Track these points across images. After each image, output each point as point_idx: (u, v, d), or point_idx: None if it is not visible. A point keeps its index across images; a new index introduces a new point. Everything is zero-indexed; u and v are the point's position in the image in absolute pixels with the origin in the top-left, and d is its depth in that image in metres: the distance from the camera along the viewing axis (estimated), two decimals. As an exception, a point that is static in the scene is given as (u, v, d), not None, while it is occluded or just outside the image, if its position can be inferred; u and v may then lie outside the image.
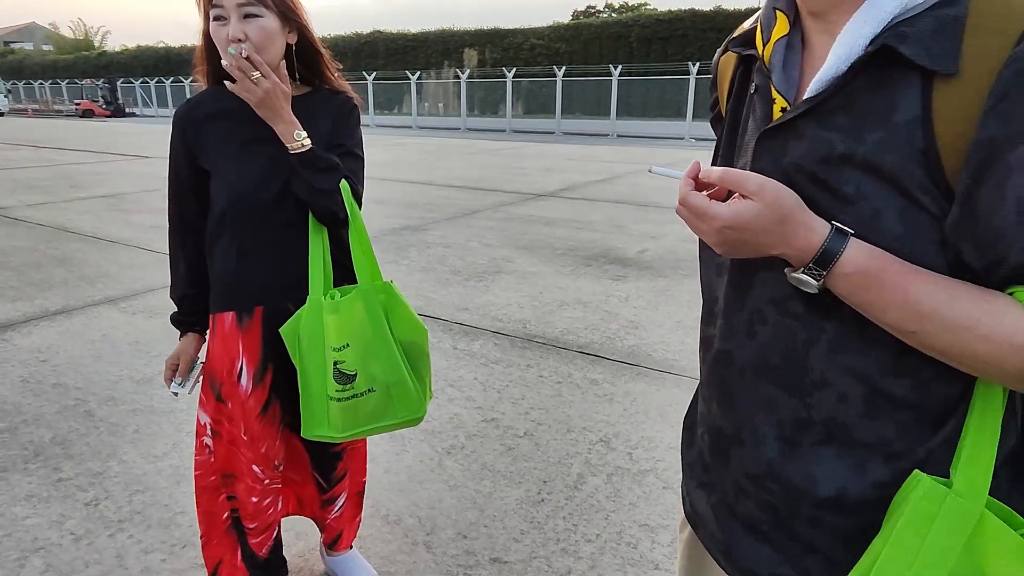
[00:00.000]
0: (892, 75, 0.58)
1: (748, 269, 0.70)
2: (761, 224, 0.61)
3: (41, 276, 4.77)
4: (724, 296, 0.74)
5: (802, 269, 0.61)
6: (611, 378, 3.12)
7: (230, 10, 1.26)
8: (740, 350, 0.72)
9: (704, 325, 0.81)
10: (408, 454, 2.47)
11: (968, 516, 0.58)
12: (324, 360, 1.34)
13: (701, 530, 0.83)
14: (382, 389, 1.37)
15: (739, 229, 0.62)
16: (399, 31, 41.86)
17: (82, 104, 36.47)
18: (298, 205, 1.38)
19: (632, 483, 2.29)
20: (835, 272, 0.59)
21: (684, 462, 0.89)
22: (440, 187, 9.44)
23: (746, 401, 0.72)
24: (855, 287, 0.59)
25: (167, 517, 2.08)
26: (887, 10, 0.58)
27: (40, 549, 1.93)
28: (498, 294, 4.42)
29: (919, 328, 0.57)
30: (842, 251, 0.59)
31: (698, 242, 0.79)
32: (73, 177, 10.26)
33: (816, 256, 0.60)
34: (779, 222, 0.60)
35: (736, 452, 0.74)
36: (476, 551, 1.95)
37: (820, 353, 0.65)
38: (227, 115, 1.39)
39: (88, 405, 2.82)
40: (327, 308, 1.34)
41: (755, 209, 0.61)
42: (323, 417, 1.36)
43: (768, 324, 0.69)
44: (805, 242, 0.60)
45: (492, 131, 24.59)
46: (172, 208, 1.47)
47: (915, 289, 0.57)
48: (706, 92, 17.29)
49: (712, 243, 0.66)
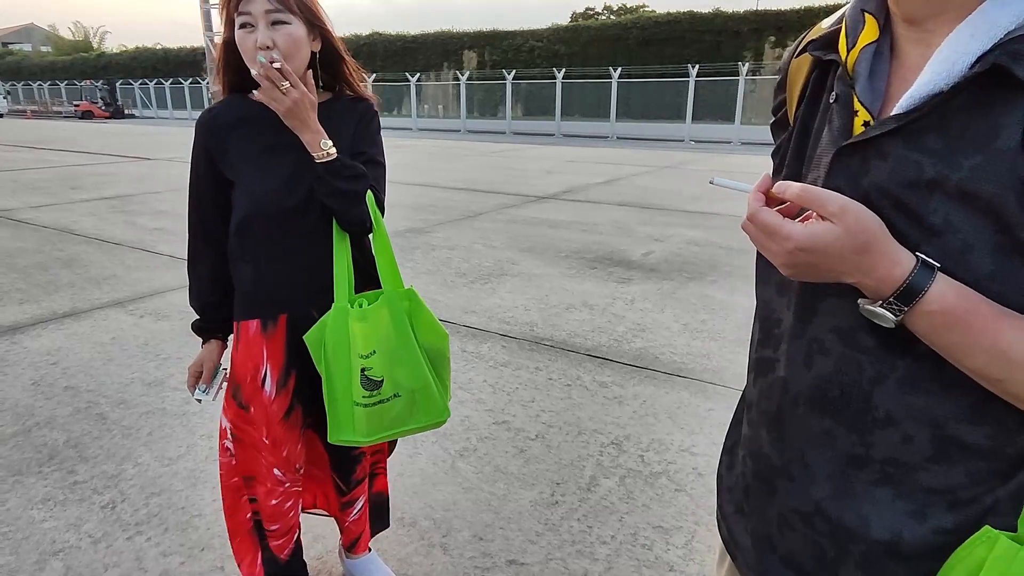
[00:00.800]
0: (996, 96, 0.52)
1: (814, 293, 0.66)
2: (839, 250, 0.56)
3: (48, 278, 4.77)
4: (787, 319, 0.70)
5: (880, 303, 0.56)
6: (620, 381, 3.14)
7: (258, 17, 1.26)
8: (795, 380, 0.67)
9: (760, 347, 0.75)
10: (421, 457, 2.48)
11: None
12: (350, 367, 1.35)
13: (739, 559, 0.80)
14: (407, 394, 1.39)
15: (813, 253, 0.57)
16: (398, 33, 41.87)
17: (81, 105, 36.44)
18: (321, 212, 1.39)
19: (645, 485, 2.30)
20: (918, 310, 0.54)
21: (723, 485, 0.85)
22: (442, 189, 9.46)
23: (798, 433, 0.68)
24: (938, 327, 0.54)
25: (184, 520, 2.09)
26: (1000, 24, 0.51)
27: (59, 552, 1.94)
28: (504, 297, 4.43)
29: (1007, 376, 0.53)
30: (928, 287, 0.54)
31: (755, 255, 0.75)
32: (75, 179, 10.26)
33: (898, 290, 0.54)
34: (859, 250, 0.55)
35: (783, 485, 0.70)
36: (493, 553, 1.97)
37: (887, 391, 0.60)
38: (249, 123, 1.40)
39: (100, 408, 2.83)
40: (355, 316, 1.36)
41: (834, 233, 0.55)
42: (348, 422, 1.38)
43: (830, 356, 0.64)
44: (886, 274, 0.55)
45: (492, 133, 24.63)
46: (193, 216, 1.47)
47: (1007, 335, 0.52)
48: (704, 95, 17.14)
49: (780, 264, 0.61)
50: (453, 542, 2.02)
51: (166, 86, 36.40)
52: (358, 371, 1.35)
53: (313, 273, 1.43)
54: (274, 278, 1.42)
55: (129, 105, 39.63)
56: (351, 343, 1.35)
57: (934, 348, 0.56)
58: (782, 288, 0.71)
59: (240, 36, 1.29)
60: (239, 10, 1.27)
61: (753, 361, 0.77)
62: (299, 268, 1.43)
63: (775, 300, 0.73)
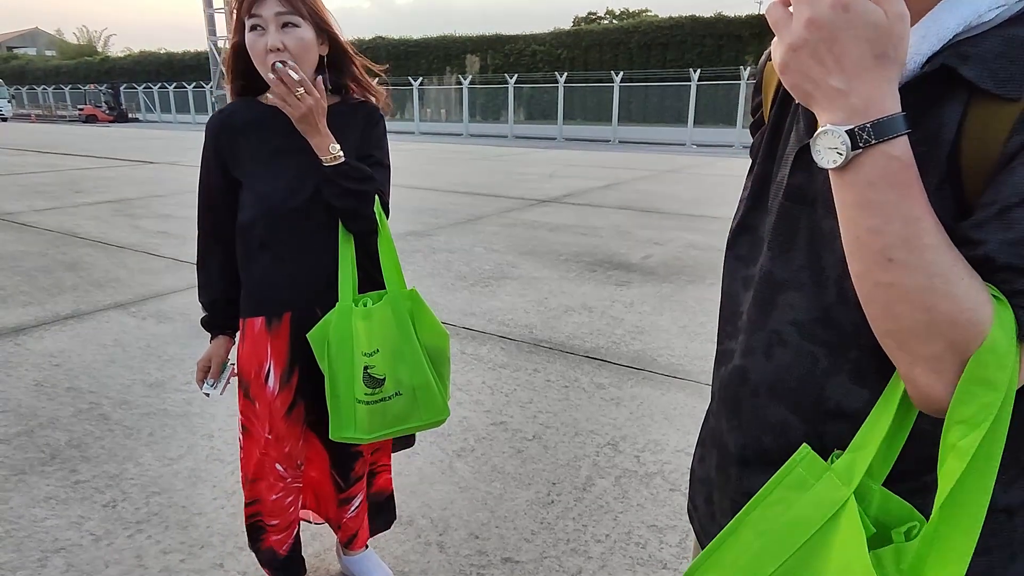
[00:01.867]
0: (943, 94, 0.55)
1: (774, 288, 0.68)
2: (870, 35, 0.51)
3: (51, 281, 4.82)
4: (747, 312, 0.72)
5: (849, 127, 0.52)
6: (617, 382, 3.16)
7: (268, 20, 1.30)
8: (756, 370, 0.70)
9: (724, 338, 0.78)
10: (419, 456, 2.51)
11: (836, 494, 0.59)
12: (353, 364, 1.39)
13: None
14: (408, 392, 1.43)
15: (851, 19, 0.51)
16: (401, 37, 42.08)
17: (85, 109, 36.67)
18: (326, 213, 1.42)
19: (640, 485, 2.33)
20: (881, 149, 0.52)
21: (695, 477, 0.87)
22: (444, 193, 9.50)
23: (755, 422, 0.70)
24: (887, 176, 0.52)
25: (184, 518, 2.12)
26: (949, 27, 0.54)
27: (61, 549, 1.97)
28: (504, 299, 4.46)
29: (904, 258, 0.52)
30: (904, 133, 0.52)
31: (725, 251, 0.78)
32: (78, 182, 10.32)
33: (880, 118, 0.52)
34: (881, 56, 0.51)
35: (736, 471, 0.73)
36: (488, 551, 1.99)
37: (839, 383, 0.63)
38: (258, 126, 1.44)
39: (102, 408, 2.87)
40: (359, 315, 1.40)
41: (881, 19, 0.51)
42: (350, 420, 1.41)
43: (788, 347, 0.66)
44: (878, 97, 0.52)
45: (494, 137, 24.70)
46: (203, 216, 1.51)
47: (931, 217, 0.52)
48: (707, 99, 17.09)
49: (806, 20, 0.53)
50: (449, 540, 2.04)
51: (170, 90, 36.59)
52: (361, 368, 1.39)
53: (317, 273, 1.47)
54: (279, 277, 1.46)
55: (133, 109, 39.86)
56: (354, 341, 1.39)
57: (852, 206, 0.54)
58: (747, 283, 0.74)
59: (251, 39, 1.33)
60: (250, 13, 1.31)
61: (717, 354, 0.80)
62: (304, 267, 1.46)
63: (740, 294, 0.75)
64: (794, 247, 0.67)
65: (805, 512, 0.60)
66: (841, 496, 0.59)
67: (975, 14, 0.54)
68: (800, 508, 0.60)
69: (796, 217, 0.66)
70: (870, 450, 0.59)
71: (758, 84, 0.79)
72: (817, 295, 0.64)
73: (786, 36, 0.56)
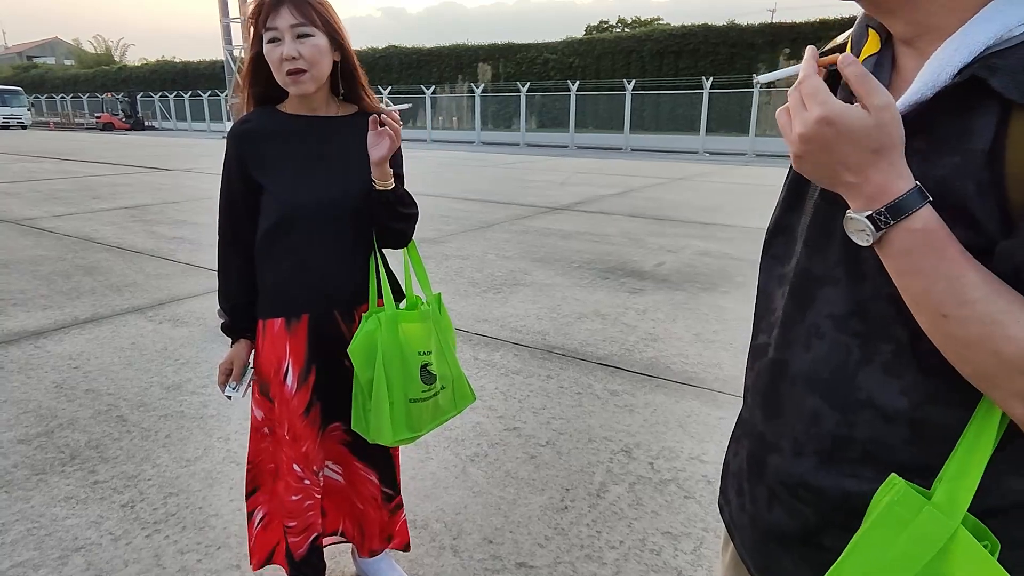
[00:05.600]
0: (974, 104, 0.57)
1: (812, 283, 0.71)
2: (860, 139, 0.57)
3: (70, 285, 4.88)
4: (784, 307, 0.74)
5: (869, 212, 0.58)
6: (631, 389, 3.16)
7: (284, 31, 1.35)
8: (796, 361, 0.72)
9: (758, 333, 0.81)
10: (432, 461, 2.52)
11: (942, 529, 0.58)
12: (409, 366, 1.47)
13: (737, 540, 0.84)
14: (449, 384, 1.57)
15: (837, 130, 0.57)
16: (414, 46, 42.37)
17: (102, 117, 37.18)
18: (346, 220, 1.47)
19: (654, 492, 2.32)
20: (903, 226, 0.57)
21: (728, 470, 0.89)
22: (456, 200, 9.54)
23: (792, 411, 0.72)
24: (916, 247, 0.57)
25: (201, 519, 2.14)
26: (980, 40, 0.57)
27: (80, 548, 1.99)
28: (516, 306, 4.47)
29: (956, 313, 0.56)
30: (920, 208, 0.56)
31: (761, 253, 0.80)
32: (95, 188, 10.46)
33: (892, 202, 0.57)
34: (877, 149, 0.57)
35: (773, 459, 0.75)
36: (502, 556, 1.99)
37: (871, 374, 0.65)
38: (279, 135, 1.47)
39: (120, 410, 2.90)
40: (413, 317, 1.51)
41: (864, 121, 0.57)
42: (402, 421, 1.48)
43: (824, 339, 0.69)
44: (887, 184, 0.57)
45: (506, 145, 24.77)
46: (224, 221, 1.53)
47: (972, 272, 0.55)
48: (719, 107, 17.08)
49: (797, 136, 0.61)
50: (463, 544, 2.05)
51: (185, 98, 37.02)
52: (418, 368, 1.48)
53: (336, 277, 1.51)
54: (300, 281, 1.49)
55: (149, 117, 40.33)
56: (406, 344, 1.47)
57: (897, 274, 0.59)
58: (782, 280, 0.77)
59: (268, 49, 1.38)
60: (267, 25, 1.37)
61: (751, 349, 0.82)
62: (324, 272, 1.50)
63: (775, 291, 0.78)
64: (830, 244, 0.69)
65: (909, 549, 0.59)
66: (947, 529, 0.58)
67: (1005, 28, 0.57)
68: (903, 545, 0.59)
69: (831, 215, 0.68)
70: (973, 479, 0.59)
71: None
72: (852, 289, 0.67)
73: (791, 146, 0.63)
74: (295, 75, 1.37)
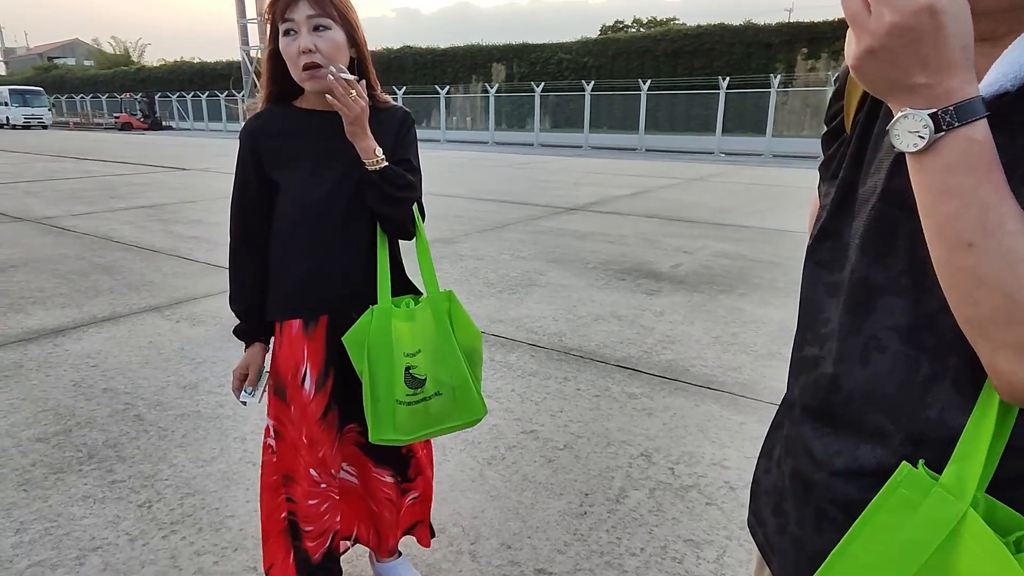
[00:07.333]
0: None
1: (871, 292, 0.67)
2: (958, 32, 0.51)
3: (88, 284, 4.91)
4: (838, 318, 0.70)
5: (935, 109, 0.52)
6: (649, 392, 3.12)
7: (300, 23, 1.32)
8: (849, 376, 0.68)
9: (805, 344, 0.76)
10: (449, 463, 2.49)
11: (951, 511, 0.56)
12: (394, 365, 1.39)
13: (775, 564, 0.79)
14: (448, 392, 1.45)
15: (939, 22, 0.51)
16: (428, 47, 42.47)
17: (121, 117, 37.58)
18: (364, 218, 1.43)
19: (675, 498, 2.28)
20: (963, 132, 0.52)
21: (760, 488, 0.85)
22: (470, 200, 9.52)
23: (848, 428, 0.68)
24: (966, 160, 0.52)
25: (217, 520, 2.13)
26: None
27: (97, 548, 1.99)
28: (532, 307, 4.44)
29: (983, 243, 0.52)
30: (984, 115, 0.52)
31: (805, 258, 0.76)
32: (114, 188, 10.56)
33: (962, 102, 0.51)
34: (965, 47, 0.51)
35: (823, 478, 0.71)
36: (520, 561, 1.96)
37: (942, 390, 0.61)
38: (293, 132, 1.45)
39: (137, 409, 2.90)
40: (402, 316, 1.41)
41: (967, 13, 0.51)
42: (389, 421, 1.42)
43: (887, 352, 0.64)
44: (959, 87, 0.52)
45: (520, 145, 24.75)
46: (237, 221, 1.51)
47: (1012, 203, 0.52)
48: (735, 107, 16.98)
49: (888, 25, 0.52)
50: (481, 549, 2.02)
51: (203, 99, 37.34)
52: (402, 370, 1.40)
53: (354, 276, 1.47)
54: (317, 280, 1.46)
55: (167, 117, 40.76)
56: (395, 342, 1.40)
57: (931, 192, 0.55)
58: (832, 289, 0.72)
59: (284, 43, 1.36)
60: (283, 18, 1.34)
61: (795, 361, 0.78)
62: (341, 271, 1.47)
63: (823, 301, 0.73)
64: (892, 252, 0.64)
65: (918, 534, 0.57)
66: (957, 511, 0.56)
67: None
68: (911, 530, 0.57)
69: (894, 221, 0.64)
70: (979, 458, 0.56)
71: (839, 90, 0.77)
72: (920, 300, 0.62)
73: (865, 38, 0.54)
74: (311, 70, 1.34)
